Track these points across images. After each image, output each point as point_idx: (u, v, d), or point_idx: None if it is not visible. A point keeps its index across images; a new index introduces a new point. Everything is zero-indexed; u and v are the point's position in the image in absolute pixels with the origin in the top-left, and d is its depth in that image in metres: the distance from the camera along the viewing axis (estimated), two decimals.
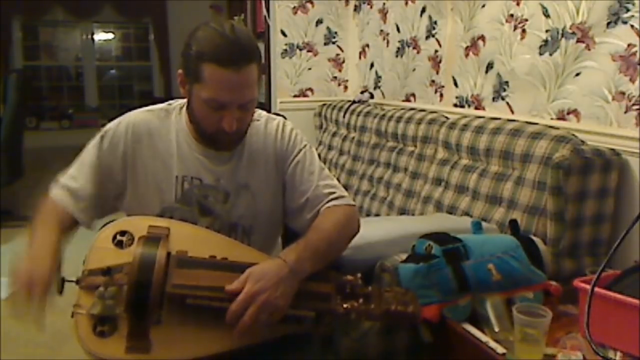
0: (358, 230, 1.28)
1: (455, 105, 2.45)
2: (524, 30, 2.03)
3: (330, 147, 3.09)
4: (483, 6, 2.23)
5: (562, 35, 1.87)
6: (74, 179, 1.24)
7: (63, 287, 1.08)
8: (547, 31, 1.93)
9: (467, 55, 2.35)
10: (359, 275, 1.16)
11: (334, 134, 3.09)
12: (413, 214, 2.22)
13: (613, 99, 1.71)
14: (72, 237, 1.22)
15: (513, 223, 1.53)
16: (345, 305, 1.11)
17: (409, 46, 2.78)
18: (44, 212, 1.21)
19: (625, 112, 1.67)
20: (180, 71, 1.18)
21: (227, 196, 1.25)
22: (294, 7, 3.27)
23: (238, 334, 1.02)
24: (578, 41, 1.81)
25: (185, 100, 1.28)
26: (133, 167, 1.24)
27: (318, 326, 1.13)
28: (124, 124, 1.26)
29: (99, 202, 1.25)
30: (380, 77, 3.09)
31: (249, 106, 1.18)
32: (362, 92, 3.15)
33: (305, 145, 1.32)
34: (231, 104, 1.13)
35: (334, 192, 1.28)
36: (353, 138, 2.87)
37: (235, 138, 1.22)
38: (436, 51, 2.57)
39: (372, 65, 3.16)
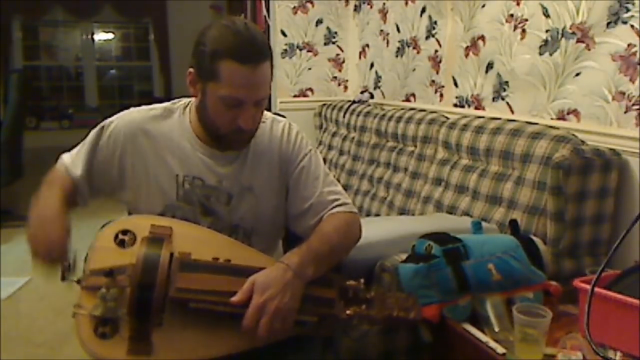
0: (359, 238, 1.28)
1: (455, 105, 2.45)
2: (524, 30, 2.03)
3: (330, 147, 3.09)
4: (483, 6, 2.23)
5: (562, 35, 1.87)
6: (73, 162, 1.27)
7: (74, 265, 1.09)
8: (547, 31, 1.93)
9: (467, 55, 2.35)
10: (362, 280, 1.16)
11: (334, 134, 3.09)
12: (413, 214, 2.22)
13: (613, 99, 1.71)
14: (72, 211, 1.23)
15: (513, 223, 1.53)
16: (348, 312, 1.11)
17: (409, 46, 2.78)
18: (49, 178, 1.24)
19: (625, 112, 1.67)
20: (191, 70, 1.18)
21: (230, 198, 1.25)
22: (294, 7, 3.27)
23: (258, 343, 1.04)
24: (578, 41, 1.81)
25: (189, 99, 1.28)
26: (132, 166, 1.24)
27: (320, 330, 1.13)
28: (123, 121, 1.26)
29: (92, 186, 1.27)
30: (380, 77, 3.09)
31: (263, 103, 1.18)
32: (362, 92, 3.15)
33: (310, 150, 1.32)
34: (248, 100, 1.13)
35: (338, 199, 1.27)
36: (353, 138, 2.87)
37: (248, 136, 1.22)
38: (436, 51, 2.57)
39: (372, 65, 3.16)
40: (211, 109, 1.16)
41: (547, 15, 1.93)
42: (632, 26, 1.63)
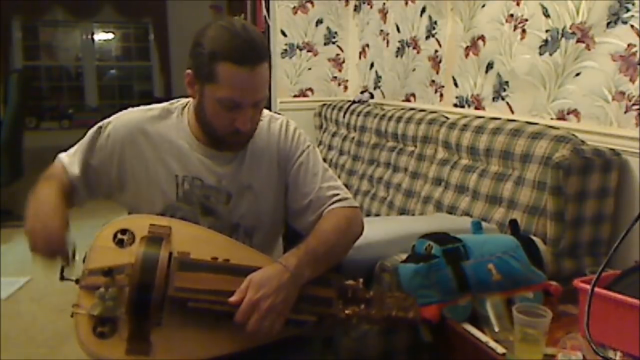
0: (361, 233, 1.28)
1: (455, 105, 2.45)
2: (524, 30, 2.03)
3: (330, 147, 3.09)
4: (483, 6, 2.23)
5: (562, 35, 1.87)
6: (70, 161, 1.27)
7: (73, 259, 1.09)
8: (547, 31, 1.93)
9: (467, 55, 2.35)
10: (360, 280, 1.16)
11: (334, 134, 3.09)
12: (413, 214, 2.22)
13: (613, 99, 1.71)
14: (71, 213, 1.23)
15: (513, 223, 1.52)
16: (347, 311, 1.11)
17: (409, 46, 2.78)
18: (47, 174, 1.24)
19: (625, 112, 1.67)
20: (188, 71, 1.17)
21: (229, 197, 1.25)
22: (294, 7, 3.27)
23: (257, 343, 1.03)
24: (578, 41, 1.81)
25: (188, 100, 1.28)
26: (131, 166, 1.24)
27: (319, 329, 1.13)
28: (122, 122, 1.26)
29: (88, 186, 1.27)
30: (380, 77, 3.09)
31: (261, 104, 1.18)
32: (362, 92, 3.15)
33: (308, 146, 1.32)
34: (246, 102, 1.13)
35: (337, 194, 1.27)
36: (353, 138, 2.87)
37: (246, 138, 1.22)
38: (436, 51, 2.57)
39: (372, 65, 3.16)
40: (209, 111, 1.16)
41: (547, 15, 1.93)
42: (632, 26, 1.63)
